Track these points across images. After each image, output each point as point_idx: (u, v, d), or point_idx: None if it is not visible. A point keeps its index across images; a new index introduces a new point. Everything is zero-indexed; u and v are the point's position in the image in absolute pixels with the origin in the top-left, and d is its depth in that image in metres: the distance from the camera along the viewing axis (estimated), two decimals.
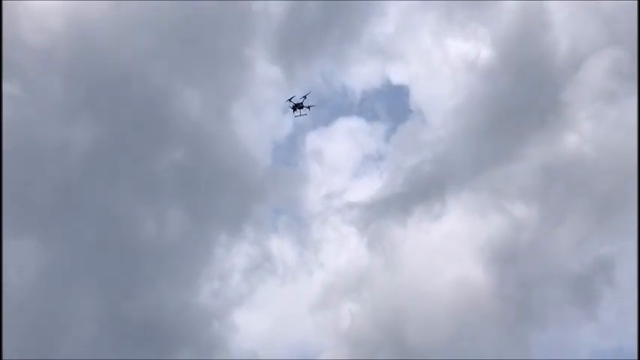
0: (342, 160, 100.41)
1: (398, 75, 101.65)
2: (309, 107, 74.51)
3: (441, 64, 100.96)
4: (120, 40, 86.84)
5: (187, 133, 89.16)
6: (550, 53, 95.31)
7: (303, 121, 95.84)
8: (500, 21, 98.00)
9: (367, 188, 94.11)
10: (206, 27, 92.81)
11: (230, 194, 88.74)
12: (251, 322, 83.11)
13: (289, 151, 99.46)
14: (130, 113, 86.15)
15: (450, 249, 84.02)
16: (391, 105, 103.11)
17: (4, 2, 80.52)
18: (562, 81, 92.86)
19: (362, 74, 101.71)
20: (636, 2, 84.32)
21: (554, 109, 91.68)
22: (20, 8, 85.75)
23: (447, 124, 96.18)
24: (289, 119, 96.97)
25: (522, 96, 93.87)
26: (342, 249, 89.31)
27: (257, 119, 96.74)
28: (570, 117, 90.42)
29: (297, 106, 74.40)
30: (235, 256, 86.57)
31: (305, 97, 74.54)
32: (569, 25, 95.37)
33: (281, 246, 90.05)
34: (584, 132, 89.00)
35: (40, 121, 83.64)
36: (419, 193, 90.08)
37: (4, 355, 67.82)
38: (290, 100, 74.55)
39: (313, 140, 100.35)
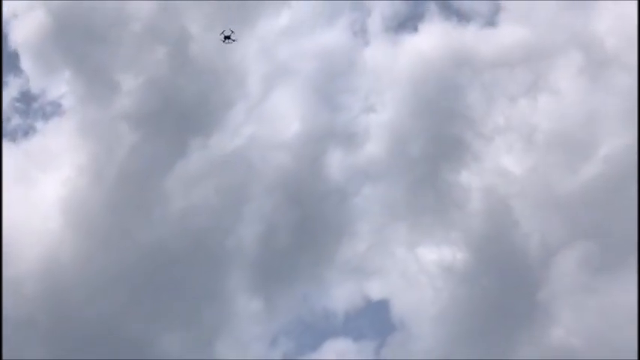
0: None
1: (377, 290, 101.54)
2: (234, 40, 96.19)
3: (417, 273, 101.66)
4: (95, 297, 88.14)
5: None
6: (523, 250, 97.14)
7: (291, 351, 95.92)
8: (469, 224, 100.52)
9: None
10: (180, 270, 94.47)
11: None
12: None
13: None
14: None
15: None
16: (375, 321, 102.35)
17: None
18: (539, 276, 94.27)
19: (342, 295, 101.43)
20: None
21: (536, 304, 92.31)
22: None
23: (434, 332, 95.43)
24: (276, 350, 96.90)
25: (503, 295, 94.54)
26: None
27: (242, 354, 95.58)
28: (552, 312, 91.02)
29: (227, 38, 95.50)
30: None
31: (232, 31, 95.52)
32: (535, 222, 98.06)
33: None
34: (569, 325, 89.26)
35: None
36: None
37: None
38: (222, 33, 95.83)
39: None
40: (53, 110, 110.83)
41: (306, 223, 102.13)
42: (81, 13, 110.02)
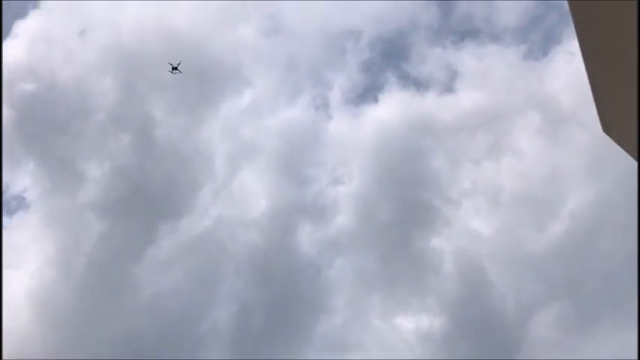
0: None
1: None
2: (180, 71, 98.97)
3: (396, 342, 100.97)
4: None
5: None
6: (499, 311, 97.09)
7: None
8: (444, 289, 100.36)
9: None
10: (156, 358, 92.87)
11: None
12: None
13: None
14: None
15: None
16: None
17: None
18: (517, 336, 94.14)
19: None
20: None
21: None
22: None
23: None
24: None
25: (483, 357, 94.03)
26: None
27: None
28: None
29: (175, 68, 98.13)
30: None
31: (179, 63, 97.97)
32: (509, 282, 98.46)
33: None
34: None
35: None
36: None
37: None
38: (170, 64, 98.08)
39: None
40: (18, 204, 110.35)
41: (281, 300, 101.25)
42: (42, 105, 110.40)
